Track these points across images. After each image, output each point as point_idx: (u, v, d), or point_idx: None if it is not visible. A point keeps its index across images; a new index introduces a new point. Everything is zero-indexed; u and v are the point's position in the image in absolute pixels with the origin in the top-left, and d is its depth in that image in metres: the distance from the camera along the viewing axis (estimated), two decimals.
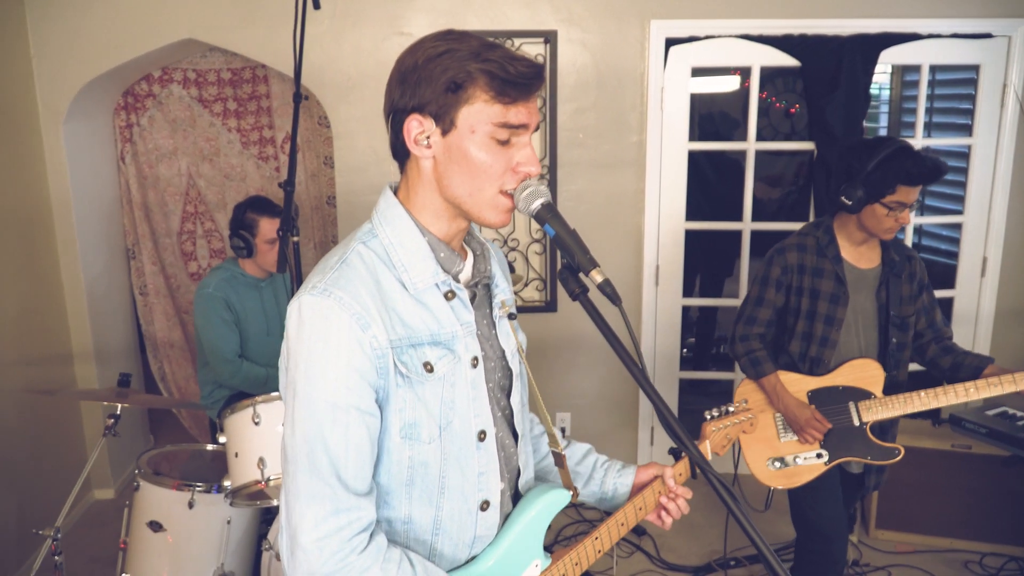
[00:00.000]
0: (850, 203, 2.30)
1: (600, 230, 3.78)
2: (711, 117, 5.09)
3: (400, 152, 1.22)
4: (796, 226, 2.67)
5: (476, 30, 3.48)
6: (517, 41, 3.55)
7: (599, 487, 1.54)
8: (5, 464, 3.15)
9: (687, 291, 4.97)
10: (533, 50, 3.57)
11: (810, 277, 2.44)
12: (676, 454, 1.54)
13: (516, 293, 3.83)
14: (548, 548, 1.44)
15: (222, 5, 3.44)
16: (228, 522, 2.58)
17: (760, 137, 4.80)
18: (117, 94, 3.94)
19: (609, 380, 3.95)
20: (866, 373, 2.40)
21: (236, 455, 2.38)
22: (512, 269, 3.78)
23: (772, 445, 2.46)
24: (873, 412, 2.39)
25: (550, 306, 3.83)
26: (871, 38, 3.50)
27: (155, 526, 2.54)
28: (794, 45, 3.54)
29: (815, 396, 2.42)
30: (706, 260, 4.84)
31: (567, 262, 1.20)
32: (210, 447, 2.87)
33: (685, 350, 5.11)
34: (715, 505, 3.32)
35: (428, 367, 1.19)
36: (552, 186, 3.69)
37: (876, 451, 2.42)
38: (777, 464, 2.45)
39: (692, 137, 3.73)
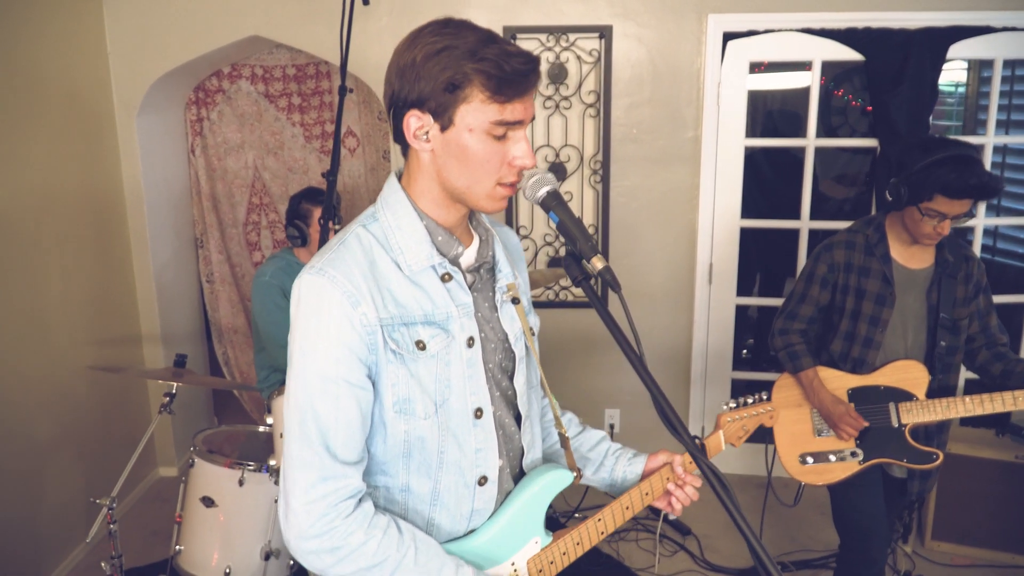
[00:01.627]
0: (891, 199, 2.24)
1: (653, 227, 3.75)
2: (779, 114, 4.98)
3: (402, 141, 1.26)
4: None
5: (531, 25, 3.52)
6: (572, 36, 3.55)
7: (609, 474, 1.57)
8: (75, 437, 3.34)
9: (747, 290, 4.89)
10: (588, 45, 3.57)
11: (856, 276, 2.38)
12: None
13: (566, 288, 3.84)
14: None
15: (286, 3, 3.56)
16: (276, 501, 2.67)
17: (836, 135, 4.68)
18: (188, 89, 4.12)
19: (659, 374, 3.90)
20: (909, 375, 2.33)
21: (281, 436, 2.47)
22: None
23: (806, 440, 2.42)
24: (913, 415, 2.32)
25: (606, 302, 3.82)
26: (940, 31, 3.38)
27: (208, 502, 2.65)
28: (858, 39, 3.44)
29: (855, 394, 2.37)
30: (767, 259, 4.75)
31: (571, 249, 1.21)
32: (262, 429, 2.98)
33: (745, 351, 5.04)
34: (767, 508, 3.27)
35: (420, 345, 1.24)
36: (605, 181, 3.69)
37: (913, 454, 2.34)
38: (810, 460, 2.40)
39: (751, 133, 3.67)
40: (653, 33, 3.56)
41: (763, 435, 2.55)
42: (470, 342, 1.29)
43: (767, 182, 4.25)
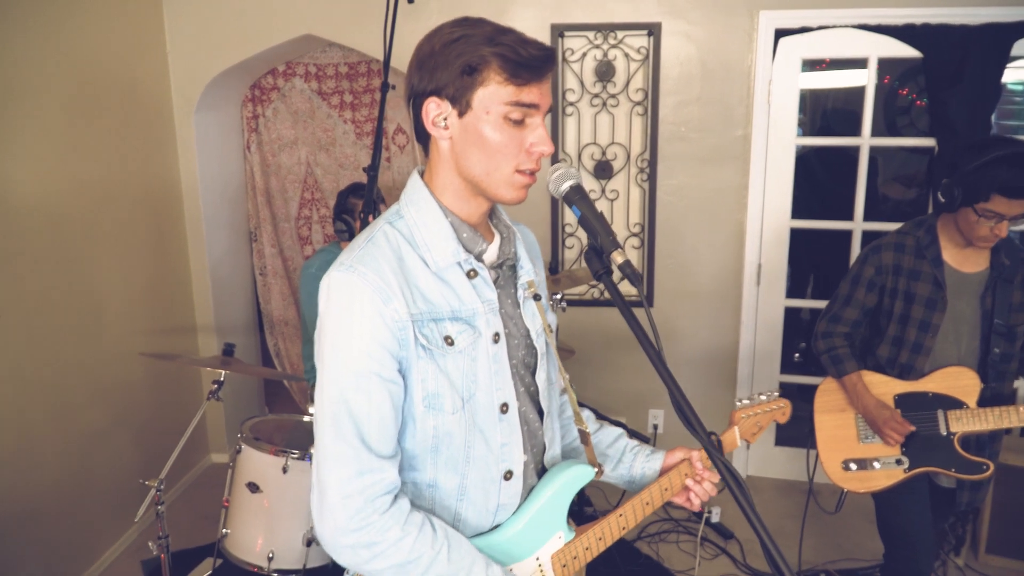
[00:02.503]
0: (944, 201, 2.17)
1: (700, 226, 3.71)
2: (836, 113, 4.88)
3: (422, 135, 1.27)
4: None
5: (579, 23, 3.52)
6: (620, 34, 3.54)
7: (627, 470, 1.58)
8: (133, 422, 3.47)
9: (800, 292, 4.80)
10: (636, 43, 3.55)
11: (906, 279, 2.31)
12: None
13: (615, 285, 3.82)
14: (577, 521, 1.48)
15: (338, 3, 3.62)
16: None
17: (900, 134, 4.56)
18: (245, 87, 4.23)
19: (704, 376, 3.88)
20: (960, 382, 2.25)
21: None
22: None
23: (850, 446, 2.36)
24: (963, 423, 2.24)
25: (646, 301, 3.80)
26: (1003, 27, 3.25)
27: (253, 487, 2.72)
28: (916, 35, 3.34)
29: (902, 400, 2.30)
30: (819, 261, 4.66)
31: (592, 244, 1.21)
32: (306, 418, 3.04)
33: (797, 355, 4.94)
34: (812, 515, 3.21)
35: (448, 340, 1.25)
36: (652, 180, 3.66)
37: (961, 464, 2.27)
38: (853, 466, 2.35)
39: (809, 132, 3.59)
40: (702, 30, 3.52)
41: (805, 439, 2.51)
42: (496, 338, 1.30)
43: (820, 182, 4.16)
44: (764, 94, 3.52)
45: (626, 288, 3.83)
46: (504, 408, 1.31)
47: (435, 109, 1.22)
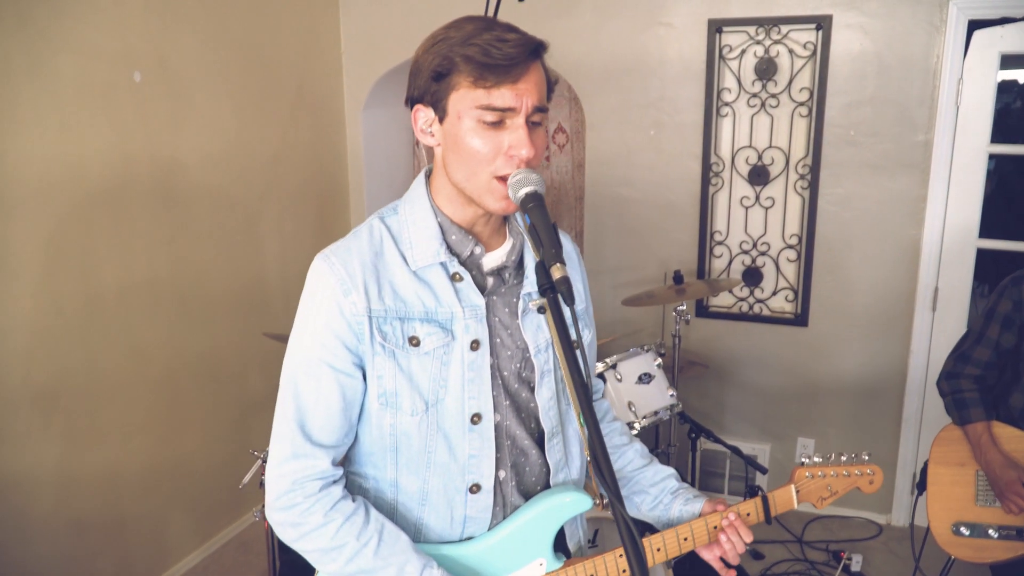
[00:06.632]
0: None
1: (867, 241, 3.34)
2: None
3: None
4: None
5: (738, 18, 3.31)
6: (784, 28, 3.27)
7: (665, 512, 1.43)
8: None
9: None
10: (803, 37, 3.26)
11: None
12: (752, 491, 1.36)
13: (762, 301, 3.55)
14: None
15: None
16: None
17: None
18: None
19: (864, 408, 3.49)
20: None
21: None
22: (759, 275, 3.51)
23: (965, 507, 1.99)
24: None
25: (800, 319, 3.49)
26: None
27: None
28: None
29: None
30: None
31: (542, 256, 1.11)
32: None
33: None
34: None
35: (414, 341, 1.21)
36: (813, 188, 3.35)
37: None
38: (965, 531, 1.98)
39: (1002, 139, 3.12)
40: (880, 23, 3.16)
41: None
42: (474, 345, 1.23)
43: (1019, 196, 3.58)
44: (952, 95, 3.10)
45: (779, 304, 3.54)
46: (475, 419, 1.24)
47: (423, 117, 1.20)
